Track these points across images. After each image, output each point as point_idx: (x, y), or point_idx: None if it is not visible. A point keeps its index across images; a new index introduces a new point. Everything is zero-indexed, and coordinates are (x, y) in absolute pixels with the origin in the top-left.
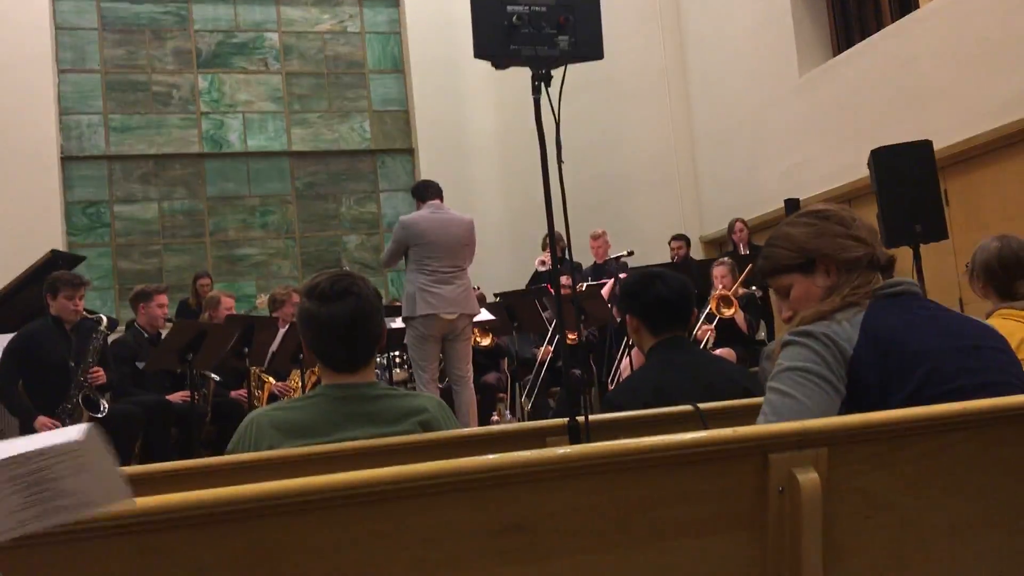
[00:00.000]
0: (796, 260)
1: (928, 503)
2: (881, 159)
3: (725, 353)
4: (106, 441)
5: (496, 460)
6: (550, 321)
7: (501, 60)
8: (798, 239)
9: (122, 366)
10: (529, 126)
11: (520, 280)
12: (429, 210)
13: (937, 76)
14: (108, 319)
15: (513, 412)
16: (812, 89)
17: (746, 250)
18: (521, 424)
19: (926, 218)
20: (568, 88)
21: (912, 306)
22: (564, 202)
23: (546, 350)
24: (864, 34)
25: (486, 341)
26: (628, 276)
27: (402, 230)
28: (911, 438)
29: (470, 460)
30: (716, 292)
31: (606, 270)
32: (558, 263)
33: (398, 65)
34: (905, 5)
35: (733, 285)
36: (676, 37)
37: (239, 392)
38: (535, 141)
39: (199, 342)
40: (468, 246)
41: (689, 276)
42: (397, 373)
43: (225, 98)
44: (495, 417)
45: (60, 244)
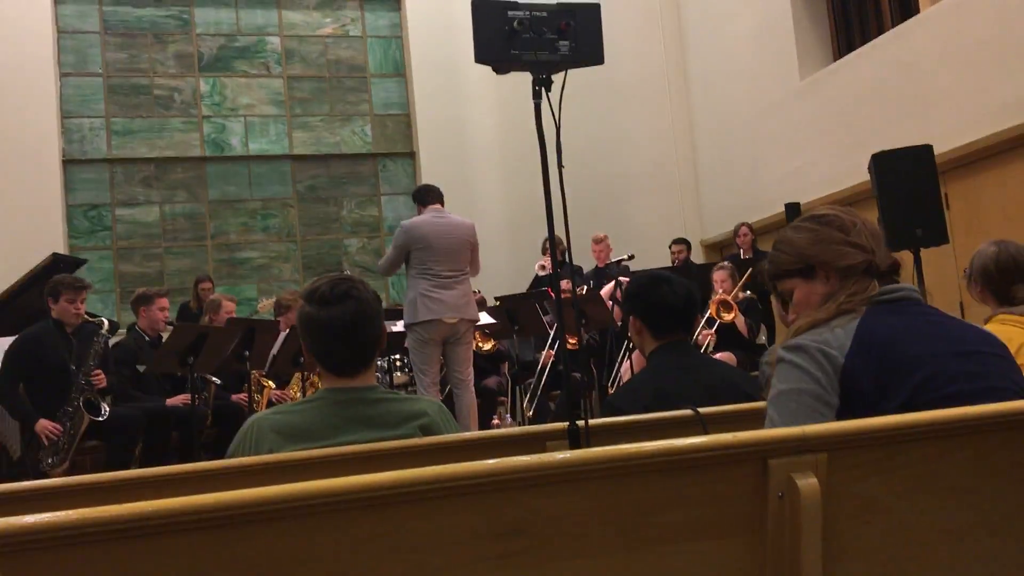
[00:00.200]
0: (797, 265)
1: (927, 508)
2: (882, 163)
3: (725, 357)
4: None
5: (496, 465)
6: (551, 325)
7: (502, 65)
8: (798, 245)
9: (123, 369)
10: (530, 130)
11: (521, 284)
12: (430, 214)
13: (938, 80)
14: (109, 322)
15: (514, 416)
16: (813, 93)
17: (748, 254)
18: (521, 428)
19: (927, 222)
20: (569, 92)
21: (910, 312)
22: (564, 206)
23: (547, 354)
24: (865, 38)
25: (488, 346)
26: (634, 278)
27: (404, 234)
28: (910, 443)
29: (470, 465)
30: (716, 296)
31: (607, 274)
32: (558, 267)
33: (399, 69)
34: (906, 8)
35: (733, 289)
36: (677, 41)
37: (240, 395)
38: (536, 145)
39: (200, 345)
40: (470, 251)
41: (689, 280)
42: (398, 377)
43: (227, 102)
44: (495, 421)
45: (61, 247)
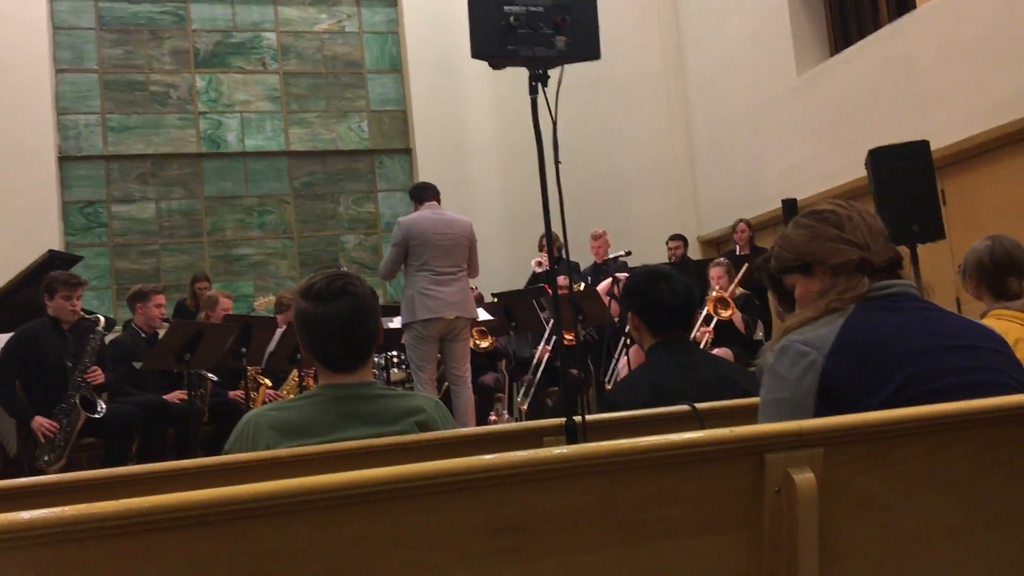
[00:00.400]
0: (794, 262)
1: (925, 503)
2: (878, 159)
3: (723, 353)
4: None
5: (493, 460)
6: (548, 321)
7: (498, 60)
8: (796, 242)
9: (119, 366)
10: (527, 126)
11: (518, 280)
12: (428, 211)
13: (934, 76)
14: (106, 319)
15: (511, 412)
16: (810, 89)
17: (745, 250)
18: (518, 424)
19: (923, 218)
20: (565, 88)
21: (904, 307)
22: (561, 202)
23: (543, 350)
24: (862, 34)
25: (485, 343)
26: (633, 274)
27: (401, 230)
28: (907, 438)
29: (467, 460)
30: (713, 294)
31: (605, 270)
32: (555, 263)
33: (396, 65)
34: (903, 4)
35: (730, 286)
36: (674, 37)
37: (236, 392)
38: (533, 141)
39: (196, 342)
40: (468, 248)
41: (687, 276)
42: (395, 373)
43: (223, 98)
44: (492, 417)
45: (58, 244)
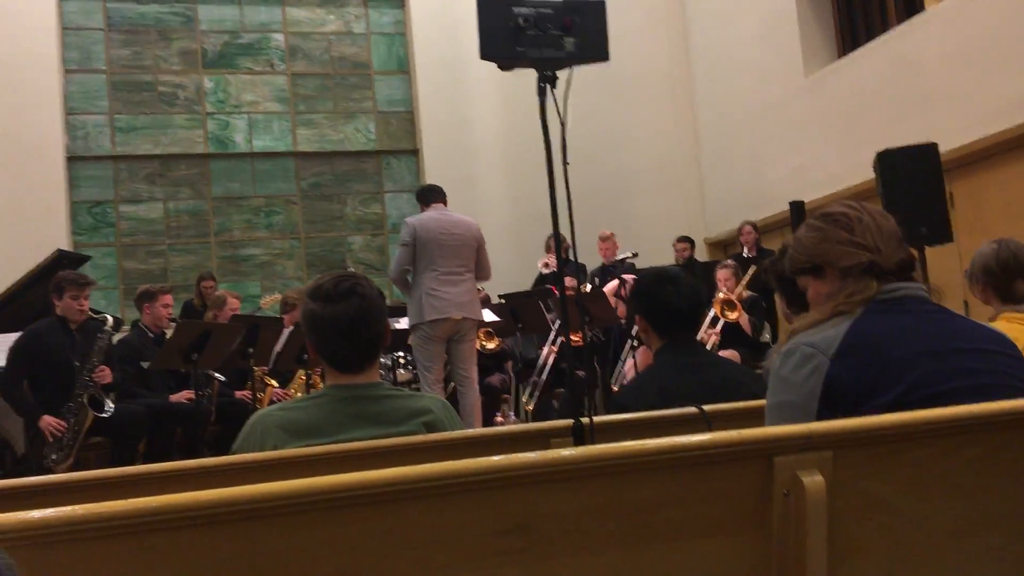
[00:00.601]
0: (805, 265)
1: (933, 506)
2: (887, 161)
3: (729, 355)
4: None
5: (501, 461)
6: (554, 322)
7: (507, 62)
8: (806, 244)
9: (127, 366)
10: (534, 127)
11: (525, 281)
12: (434, 212)
13: (943, 78)
14: (114, 319)
15: (517, 413)
16: (818, 91)
17: (752, 252)
18: (525, 425)
19: (931, 220)
20: (573, 89)
21: (912, 310)
22: (569, 203)
23: (550, 351)
24: (870, 35)
25: (492, 345)
26: (640, 275)
27: (409, 229)
28: (916, 441)
29: (475, 461)
30: (720, 295)
31: (613, 271)
32: (562, 264)
33: (403, 66)
34: (911, 6)
35: (736, 288)
36: (681, 38)
37: (243, 392)
38: (540, 142)
39: (204, 342)
40: (475, 249)
41: (694, 278)
42: (401, 374)
43: (231, 99)
44: (499, 418)
45: (66, 244)
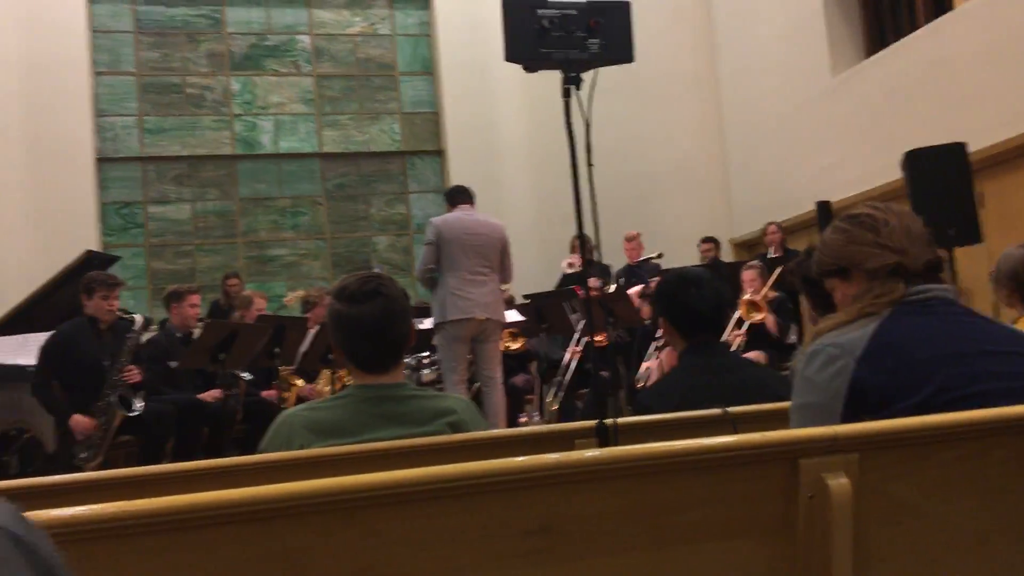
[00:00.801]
0: (832, 267)
1: (959, 509)
2: (915, 161)
3: (756, 356)
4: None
5: (525, 462)
6: (578, 323)
7: (532, 63)
8: (832, 246)
9: (155, 365)
10: (558, 128)
11: (549, 282)
12: (460, 212)
13: (972, 77)
14: (143, 319)
15: (541, 414)
16: (845, 90)
17: (778, 253)
18: (550, 426)
19: (960, 221)
20: (598, 89)
21: (939, 312)
22: (594, 204)
23: (574, 351)
24: (898, 35)
25: (516, 345)
26: (664, 278)
27: (433, 229)
28: (943, 444)
29: (499, 462)
30: (745, 296)
31: (638, 272)
32: (587, 265)
33: (428, 67)
34: (940, 5)
35: (762, 288)
36: (707, 38)
37: (269, 392)
38: (564, 143)
39: (231, 342)
40: (500, 251)
41: (718, 278)
42: (426, 374)
43: (257, 100)
44: (523, 419)
45: (95, 244)
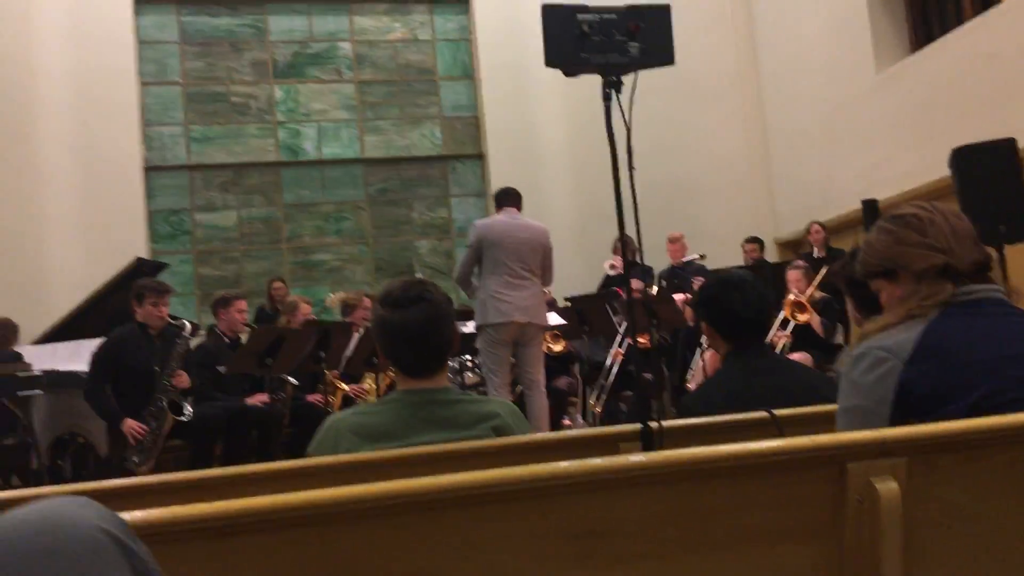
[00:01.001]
0: (878, 268)
1: (1011, 513)
2: (963, 158)
3: (801, 358)
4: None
5: (571, 467)
6: (621, 325)
7: (572, 68)
8: (878, 247)
9: (204, 370)
10: (599, 130)
11: (590, 284)
12: (504, 215)
13: (1020, 71)
14: (192, 325)
15: (584, 417)
16: (890, 87)
17: (821, 252)
18: (594, 429)
19: (1010, 218)
20: (638, 91)
21: (988, 312)
22: (635, 206)
23: (616, 354)
24: (944, 29)
25: (558, 347)
26: (706, 282)
27: (475, 232)
28: (993, 447)
29: (546, 466)
30: (791, 297)
31: (681, 273)
32: (629, 267)
33: (468, 71)
34: None
35: (808, 289)
36: (748, 38)
37: (314, 396)
38: (605, 144)
39: (277, 347)
40: (541, 254)
41: (762, 279)
42: (469, 377)
43: (300, 107)
44: (566, 422)
45: (144, 251)
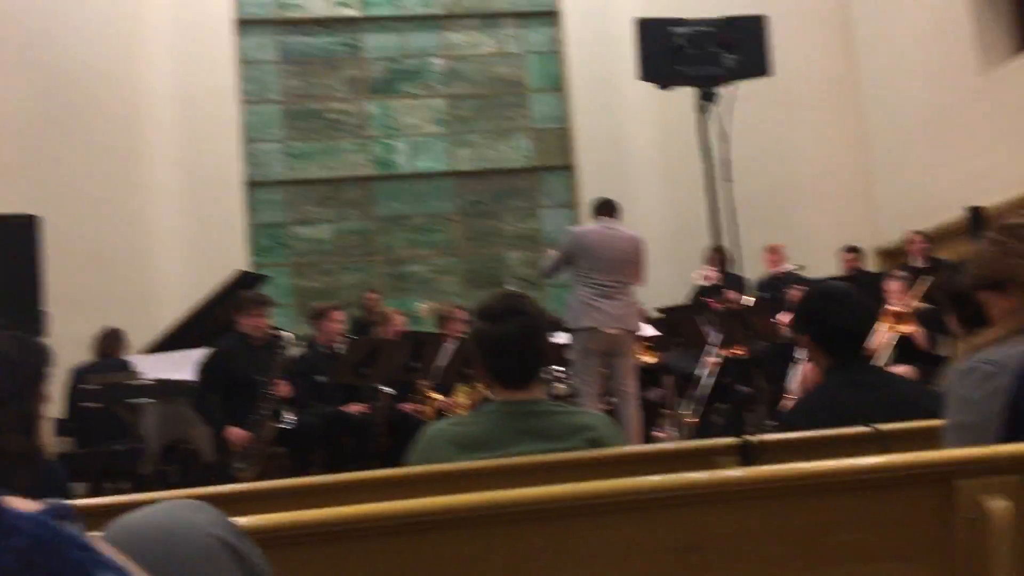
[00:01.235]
0: (986, 280)
1: None
2: None
3: (904, 371)
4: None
5: (671, 480)
6: (713, 336)
7: (666, 82)
8: (987, 258)
9: (303, 380)
10: (690, 140)
11: (679, 295)
12: (598, 225)
13: None
14: (292, 336)
15: (677, 428)
16: (994, 89)
17: (925, 262)
18: (688, 442)
19: None
20: (734, 99)
21: None
22: (730, 217)
23: (710, 365)
24: None
25: (651, 359)
26: (806, 294)
27: (567, 238)
28: None
29: (647, 479)
30: (891, 308)
31: (779, 283)
32: (724, 277)
33: (557, 84)
34: None
35: (908, 300)
36: (846, 43)
37: (407, 404)
38: (696, 155)
39: (373, 357)
40: (634, 263)
41: (860, 289)
42: (558, 387)
43: (393, 123)
44: (658, 433)
45: (245, 264)
